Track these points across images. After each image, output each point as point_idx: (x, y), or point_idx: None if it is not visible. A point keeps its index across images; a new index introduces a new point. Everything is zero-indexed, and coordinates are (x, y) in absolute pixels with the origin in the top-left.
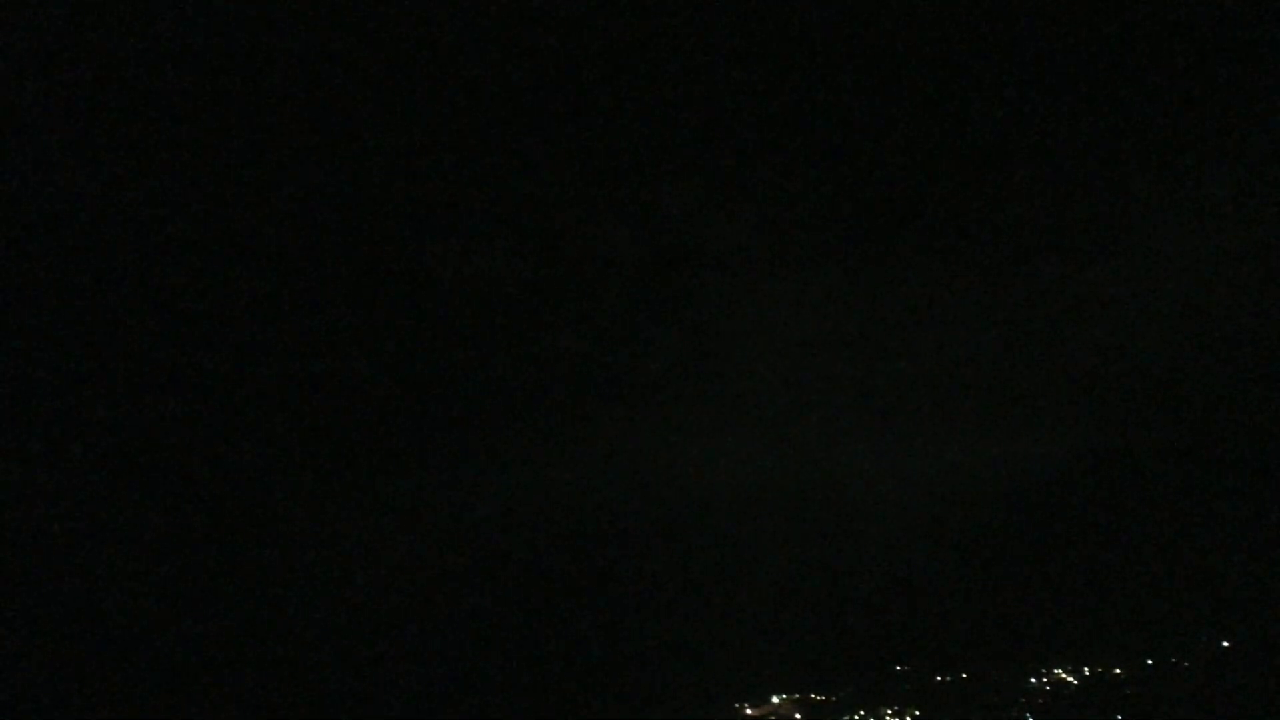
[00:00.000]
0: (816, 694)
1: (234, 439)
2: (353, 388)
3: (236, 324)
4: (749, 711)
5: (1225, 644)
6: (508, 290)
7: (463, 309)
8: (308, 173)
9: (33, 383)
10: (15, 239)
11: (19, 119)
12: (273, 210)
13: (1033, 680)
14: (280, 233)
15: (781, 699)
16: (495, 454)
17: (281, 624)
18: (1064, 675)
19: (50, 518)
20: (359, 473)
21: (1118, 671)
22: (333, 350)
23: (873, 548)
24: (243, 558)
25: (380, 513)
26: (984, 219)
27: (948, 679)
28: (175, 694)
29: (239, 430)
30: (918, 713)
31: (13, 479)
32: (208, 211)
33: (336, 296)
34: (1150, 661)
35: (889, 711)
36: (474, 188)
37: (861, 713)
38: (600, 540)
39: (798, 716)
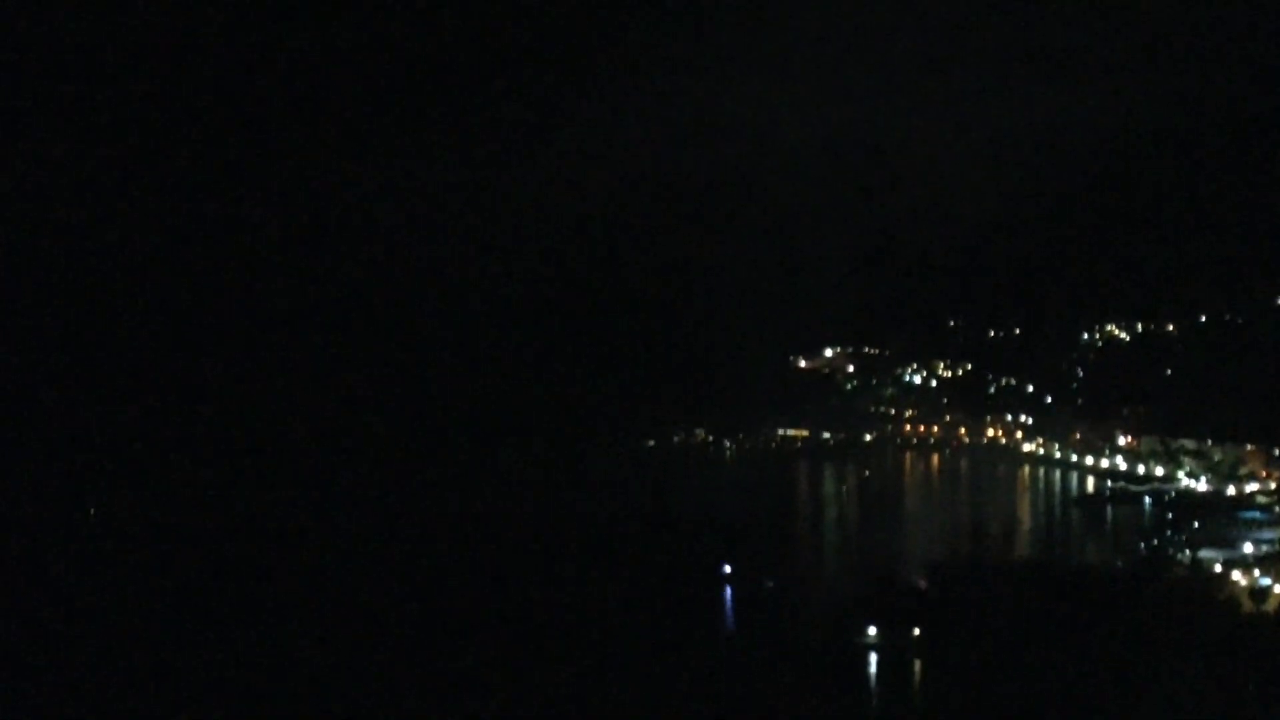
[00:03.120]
0: (870, 347)
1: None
2: None
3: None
4: (802, 364)
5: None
6: None
7: None
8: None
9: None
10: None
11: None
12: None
13: (1085, 336)
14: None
15: (835, 351)
16: (558, 105)
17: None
18: (1116, 331)
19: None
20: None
21: (1170, 328)
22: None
23: (929, 204)
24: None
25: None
26: None
27: (1000, 334)
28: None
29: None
30: (969, 366)
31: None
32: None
33: None
34: (1203, 318)
35: (942, 364)
36: None
37: (915, 364)
38: (658, 197)
39: (850, 369)
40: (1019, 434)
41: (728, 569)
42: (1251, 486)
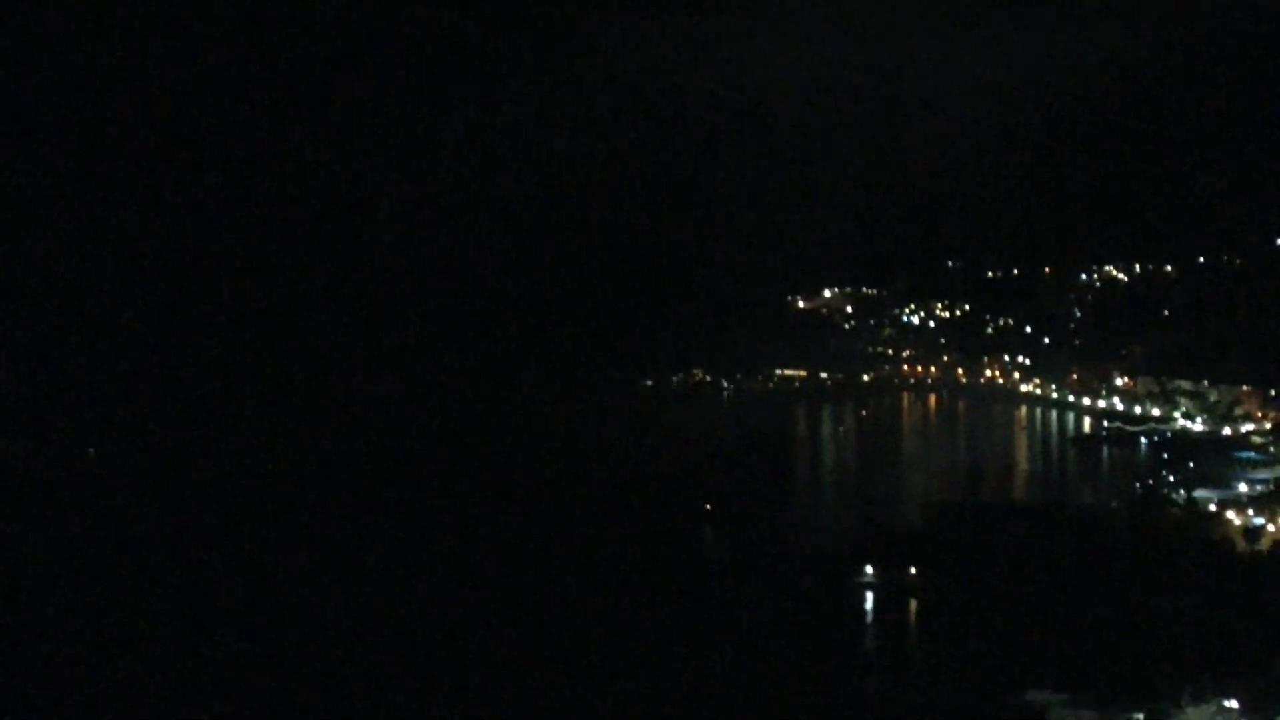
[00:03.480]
0: (869, 288)
1: None
2: None
3: None
4: (801, 304)
5: (1278, 242)
6: None
7: None
8: None
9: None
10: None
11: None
12: None
13: (1083, 277)
14: None
15: (834, 292)
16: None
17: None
18: (1114, 272)
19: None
20: None
21: (1168, 269)
22: None
23: (929, 146)
24: None
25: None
26: None
27: (999, 275)
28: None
29: None
30: (967, 306)
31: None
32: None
33: None
34: (1201, 259)
35: (940, 305)
36: None
37: (913, 305)
38: (659, 143)
39: (849, 309)
40: (1016, 374)
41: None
42: (1247, 427)
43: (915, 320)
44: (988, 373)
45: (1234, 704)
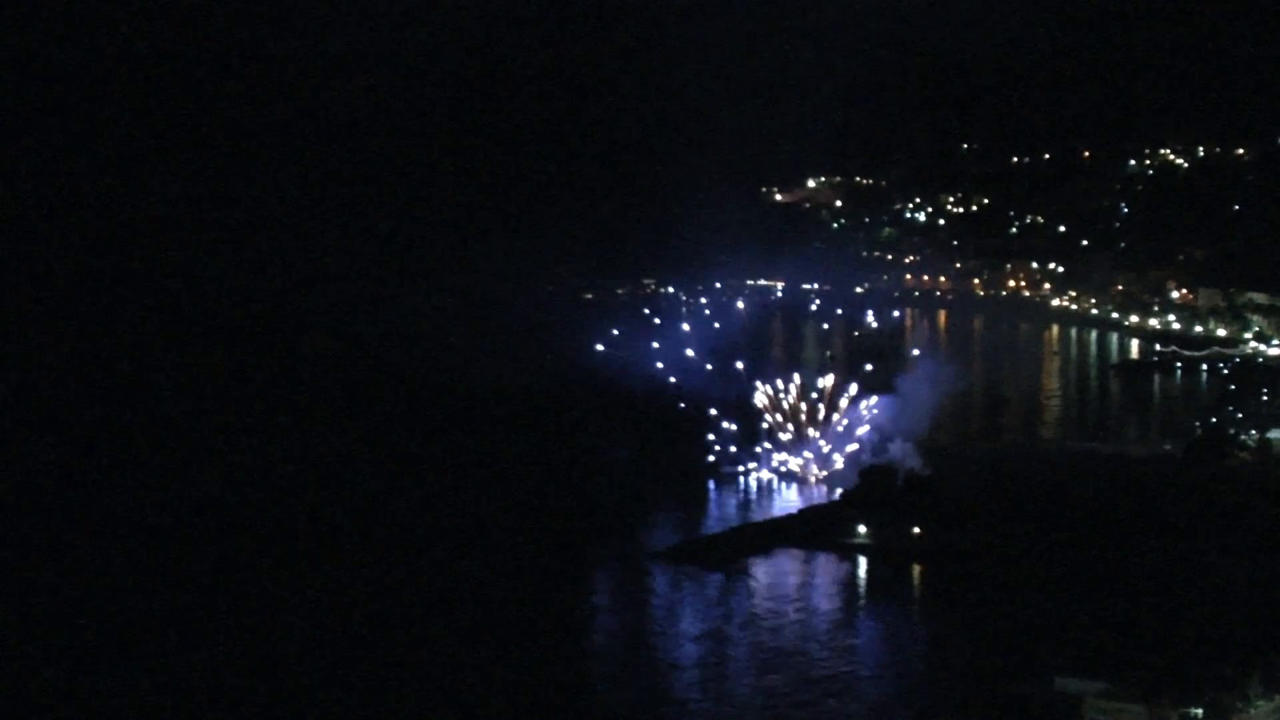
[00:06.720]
0: (863, 176)
1: None
2: None
3: None
4: (779, 197)
5: None
6: None
7: None
8: None
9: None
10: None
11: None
12: None
13: (1132, 163)
14: None
15: (820, 181)
16: None
17: None
18: (1172, 157)
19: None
20: None
21: (1240, 152)
22: None
23: (933, 28)
24: None
25: None
26: None
27: (1025, 160)
28: None
29: None
30: (986, 200)
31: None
32: None
33: None
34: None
35: (951, 198)
36: None
37: (918, 198)
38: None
39: (839, 203)
40: (1046, 285)
41: None
42: None
43: (921, 217)
44: (1011, 283)
45: None
